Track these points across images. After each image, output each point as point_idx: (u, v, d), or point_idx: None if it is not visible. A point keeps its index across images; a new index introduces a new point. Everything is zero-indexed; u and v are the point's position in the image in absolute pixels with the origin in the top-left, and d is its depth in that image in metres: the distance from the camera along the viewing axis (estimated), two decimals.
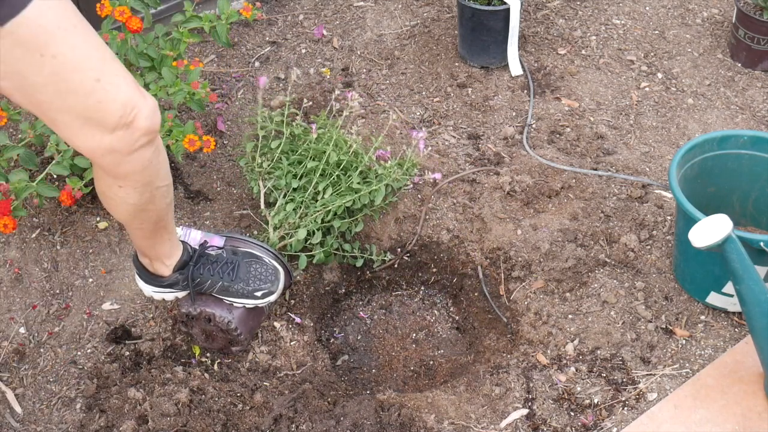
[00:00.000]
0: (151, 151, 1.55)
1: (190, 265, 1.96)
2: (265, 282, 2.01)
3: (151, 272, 1.97)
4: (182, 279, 1.96)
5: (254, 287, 2.00)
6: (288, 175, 2.24)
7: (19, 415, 1.95)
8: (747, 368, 1.98)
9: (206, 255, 2.00)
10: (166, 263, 1.94)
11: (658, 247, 2.27)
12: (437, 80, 2.87)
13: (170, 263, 1.94)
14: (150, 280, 1.98)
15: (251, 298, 2.00)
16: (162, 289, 2.00)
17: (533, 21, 3.12)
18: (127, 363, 2.03)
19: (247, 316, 2.00)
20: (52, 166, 2.14)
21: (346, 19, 3.15)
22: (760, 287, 1.76)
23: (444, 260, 2.40)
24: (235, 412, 1.93)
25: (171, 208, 1.80)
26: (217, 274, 1.98)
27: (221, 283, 1.98)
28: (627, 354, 2.03)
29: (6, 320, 2.14)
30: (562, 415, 1.93)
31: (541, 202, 2.41)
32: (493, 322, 2.27)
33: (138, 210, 1.68)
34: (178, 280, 1.96)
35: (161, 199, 1.72)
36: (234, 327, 1.97)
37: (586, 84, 2.85)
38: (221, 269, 1.99)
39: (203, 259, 1.99)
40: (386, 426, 1.89)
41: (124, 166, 1.53)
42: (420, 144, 2.33)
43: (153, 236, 1.84)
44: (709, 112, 2.74)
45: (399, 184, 2.34)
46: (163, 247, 1.90)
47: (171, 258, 1.94)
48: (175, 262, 1.94)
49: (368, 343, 2.31)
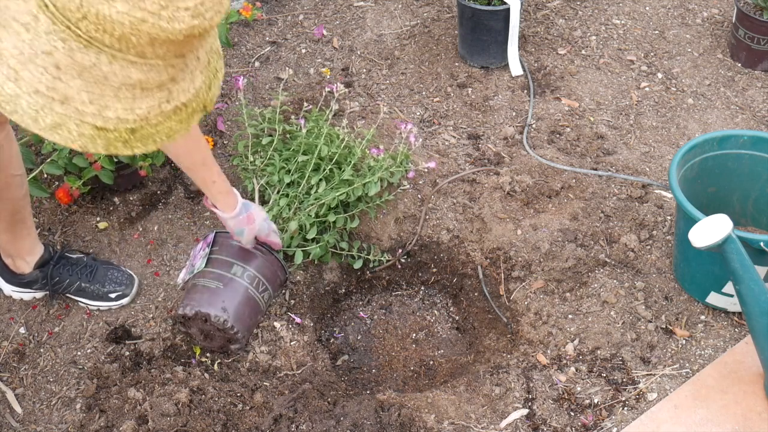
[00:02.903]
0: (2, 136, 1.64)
1: (50, 264, 2.09)
2: (119, 285, 2.14)
3: (12, 270, 2.10)
4: (41, 277, 2.10)
5: (109, 289, 2.13)
6: (281, 171, 2.24)
7: (19, 415, 1.95)
8: (747, 368, 1.98)
9: (66, 257, 2.13)
10: (27, 260, 2.08)
11: (658, 247, 2.27)
12: (437, 80, 2.87)
13: (31, 260, 2.08)
14: (10, 279, 2.11)
15: (105, 300, 2.14)
16: (21, 288, 2.13)
17: (533, 21, 3.12)
18: (127, 363, 2.03)
19: (242, 314, 2.01)
20: (46, 165, 2.15)
21: (346, 19, 3.15)
22: (760, 287, 1.76)
23: (444, 260, 2.40)
24: (235, 412, 1.93)
25: (27, 201, 1.92)
26: (75, 275, 2.12)
27: (78, 284, 2.11)
28: (627, 354, 2.03)
29: (6, 320, 2.14)
30: (562, 415, 1.93)
31: (541, 202, 2.41)
32: (493, 322, 2.27)
33: None
34: (38, 277, 2.10)
35: (17, 189, 1.82)
36: (230, 326, 1.97)
37: (586, 84, 2.85)
38: (80, 271, 2.13)
39: (63, 260, 2.12)
40: (386, 426, 1.89)
41: None
42: (411, 137, 2.32)
43: (12, 229, 1.96)
44: (709, 112, 2.74)
45: (394, 178, 2.33)
46: (24, 243, 2.04)
47: (32, 255, 2.08)
48: (36, 260, 2.08)
49: (368, 343, 2.31)
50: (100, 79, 1.14)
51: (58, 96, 1.14)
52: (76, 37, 1.10)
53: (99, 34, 1.10)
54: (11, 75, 1.12)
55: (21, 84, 1.12)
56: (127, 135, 1.22)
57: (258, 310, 2.06)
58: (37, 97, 1.13)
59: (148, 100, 1.21)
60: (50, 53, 1.11)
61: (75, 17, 1.08)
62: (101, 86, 1.15)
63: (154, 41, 1.13)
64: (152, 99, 1.22)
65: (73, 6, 1.07)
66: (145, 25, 1.09)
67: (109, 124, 1.19)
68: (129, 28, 1.09)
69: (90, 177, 2.24)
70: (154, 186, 2.47)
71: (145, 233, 2.35)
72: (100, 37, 1.10)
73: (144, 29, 1.10)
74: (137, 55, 1.14)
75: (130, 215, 2.39)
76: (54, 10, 1.08)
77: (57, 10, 1.08)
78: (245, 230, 1.98)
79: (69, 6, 1.07)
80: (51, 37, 1.09)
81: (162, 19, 1.10)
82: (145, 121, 1.23)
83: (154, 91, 1.22)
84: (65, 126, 1.16)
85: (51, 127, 1.16)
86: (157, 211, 2.41)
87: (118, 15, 1.08)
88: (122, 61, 1.14)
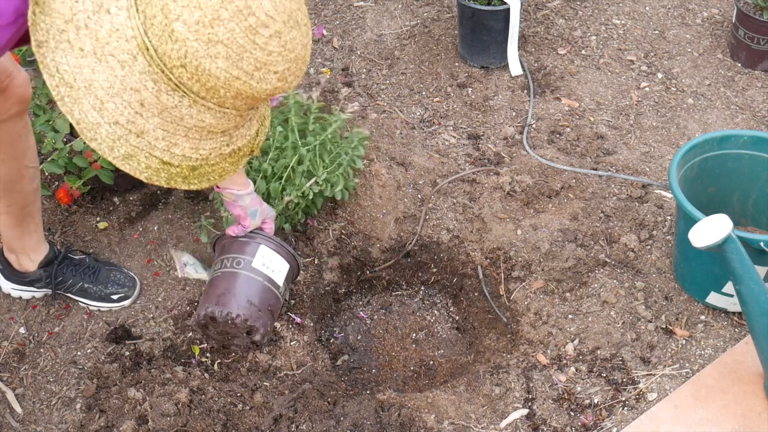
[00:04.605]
0: (21, 124, 1.66)
1: (54, 264, 2.09)
2: (122, 287, 2.15)
3: (15, 269, 2.09)
4: (45, 276, 2.09)
5: (111, 291, 2.13)
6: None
7: (19, 415, 1.95)
8: (747, 368, 1.98)
9: (70, 258, 2.14)
10: (31, 257, 2.07)
11: (658, 247, 2.27)
12: (437, 80, 2.88)
13: (35, 258, 2.08)
14: (12, 277, 2.11)
15: (107, 301, 2.13)
16: (23, 287, 2.13)
17: (533, 21, 3.12)
18: (127, 363, 2.03)
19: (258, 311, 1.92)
20: (46, 164, 2.15)
21: (346, 19, 3.16)
22: (760, 287, 1.76)
23: (444, 260, 2.40)
24: (235, 412, 1.93)
25: (38, 197, 1.94)
26: (79, 275, 2.12)
27: (81, 284, 2.11)
28: (627, 354, 2.03)
29: (6, 320, 2.14)
30: (562, 415, 1.93)
31: (541, 202, 2.41)
32: (493, 322, 2.27)
33: (5, 189, 1.78)
34: (42, 277, 2.10)
35: (29, 182, 1.83)
36: (250, 323, 1.89)
37: (586, 84, 2.85)
38: (83, 272, 2.13)
39: (67, 260, 2.13)
40: (386, 426, 1.89)
41: None
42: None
43: (20, 224, 1.96)
44: (709, 112, 2.74)
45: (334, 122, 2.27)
46: (30, 240, 2.04)
47: (37, 253, 2.08)
48: (41, 258, 2.08)
49: (368, 343, 2.31)
50: (176, 119, 1.24)
51: (136, 129, 1.23)
52: (167, 81, 1.19)
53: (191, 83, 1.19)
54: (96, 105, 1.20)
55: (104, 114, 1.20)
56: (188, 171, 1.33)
57: (275, 301, 1.98)
58: (116, 128, 1.22)
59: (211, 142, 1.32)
60: (138, 91, 1.19)
61: (173, 64, 1.17)
62: (176, 125, 1.25)
63: (239, 95, 1.23)
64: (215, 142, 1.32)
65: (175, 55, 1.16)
66: (237, 82, 1.20)
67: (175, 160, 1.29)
68: (223, 82, 1.20)
69: (90, 177, 2.24)
70: (154, 186, 2.47)
71: (145, 233, 2.35)
72: (191, 84, 1.20)
73: (235, 85, 1.21)
74: (217, 104, 1.24)
75: (130, 215, 2.39)
76: (153, 54, 1.17)
77: (156, 54, 1.16)
78: (257, 210, 1.93)
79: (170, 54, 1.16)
80: (143, 77, 1.18)
81: (254, 78, 1.21)
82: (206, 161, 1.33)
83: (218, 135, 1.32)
84: (136, 157, 1.26)
85: (124, 157, 1.25)
86: (157, 211, 2.41)
87: (217, 70, 1.18)
88: (201, 107, 1.23)
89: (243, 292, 1.92)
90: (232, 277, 1.94)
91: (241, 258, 1.96)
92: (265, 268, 1.97)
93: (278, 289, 1.98)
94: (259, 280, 1.95)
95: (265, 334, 1.95)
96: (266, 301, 1.95)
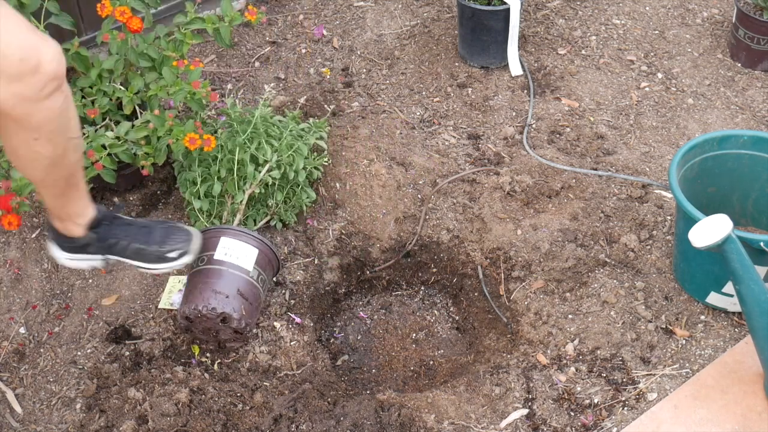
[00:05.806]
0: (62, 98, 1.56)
1: (103, 225, 1.94)
2: (179, 242, 1.97)
3: (64, 234, 1.94)
4: (95, 239, 1.94)
5: (169, 248, 1.96)
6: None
7: (19, 415, 1.95)
8: (747, 368, 1.98)
9: (120, 217, 1.98)
10: (77, 222, 1.92)
11: (658, 247, 2.27)
12: (437, 80, 2.88)
13: (82, 222, 1.92)
14: (64, 245, 1.96)
15: (165, 261, 1.97)
16: (77, 255, 1.97)
17: (533, 21, 3.12)
18: (127, 363, 2.03)
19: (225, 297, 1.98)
20: None
21: (346, 19, 3.16)
22: (760, 287, 1.76)
23: (444, 260, 2.40)
24: (235, 412, 1.93)
25: (81, 164, 1.82)
26: (131, 235, 1.96)
27: (136, 245, 1.95)
28: (627, 354, 2.03)
29: (6, 320, 2.14)
30: (562, 415, 1.93)
31: (541, 202, 2.41)
32: (493, 322, 2.27)
33: (52, 165, 1.69)
34: (92, 239, 1.94)
35: (73, 152, 1.73)
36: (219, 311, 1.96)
37: (586, 84, 2.85)
38: (136, 230, 1.97)
39: (117, 220, 1.97)
40: (386, 426, 1.89)
41: (37, 116, 1.52)
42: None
43: (65, 194, 1.84)
44: (709, 112, 2.74)
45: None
46: (75, 206, 1.89)
47: (83, 217, 1.92)
48: (87, 221, 1.92)
49: (368, 343, 2.31)
50: None
51: None
52: None
53: None
54: None
55: None
56: None
57: (256, 292, 2.04)
58: None
59: None
60: None
61: None
62: None
63: None
64: None
65: None
66: None
67: None
68: None
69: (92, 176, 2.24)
70: (154, 186, 2.48)
71: None
72: None
73: None
74: None
75: (130, 215, 2.39)
76: None
77: None
78: None
79: None
80: None
81: None
82: None
83: None
84: None
85: None
86: (157, 211, 2.42)
87: None
88: None
89: (208, 285, 2.00)
90: (197, 275, 2.04)
91: (204, 255, 2.05)
92: (228, 256, 2.04)
93: (247, 273, 2.03)
94: (222, 269, 2.01)
95: (241, 318, 1.99)
96: (233, 286, 1.99)
